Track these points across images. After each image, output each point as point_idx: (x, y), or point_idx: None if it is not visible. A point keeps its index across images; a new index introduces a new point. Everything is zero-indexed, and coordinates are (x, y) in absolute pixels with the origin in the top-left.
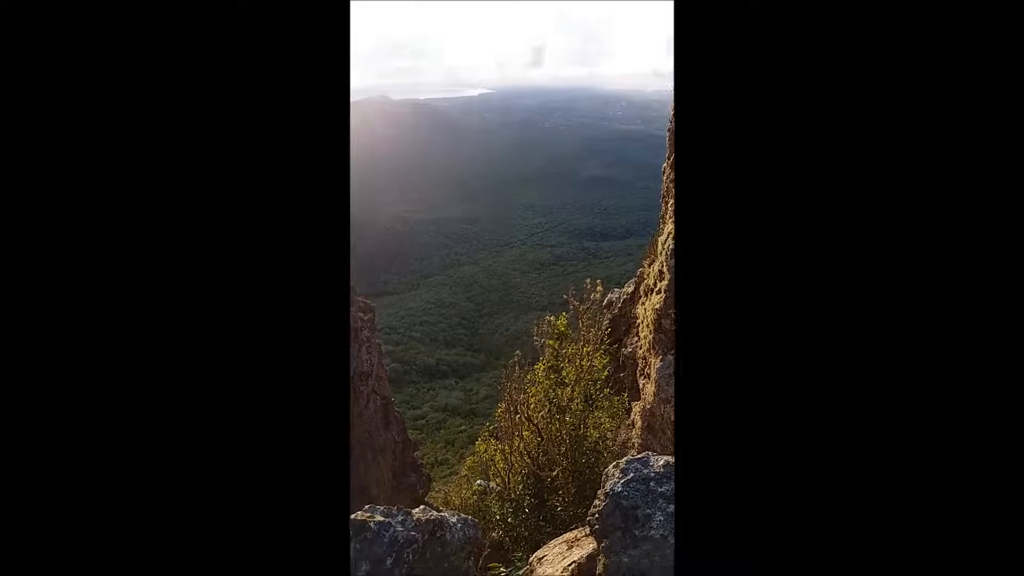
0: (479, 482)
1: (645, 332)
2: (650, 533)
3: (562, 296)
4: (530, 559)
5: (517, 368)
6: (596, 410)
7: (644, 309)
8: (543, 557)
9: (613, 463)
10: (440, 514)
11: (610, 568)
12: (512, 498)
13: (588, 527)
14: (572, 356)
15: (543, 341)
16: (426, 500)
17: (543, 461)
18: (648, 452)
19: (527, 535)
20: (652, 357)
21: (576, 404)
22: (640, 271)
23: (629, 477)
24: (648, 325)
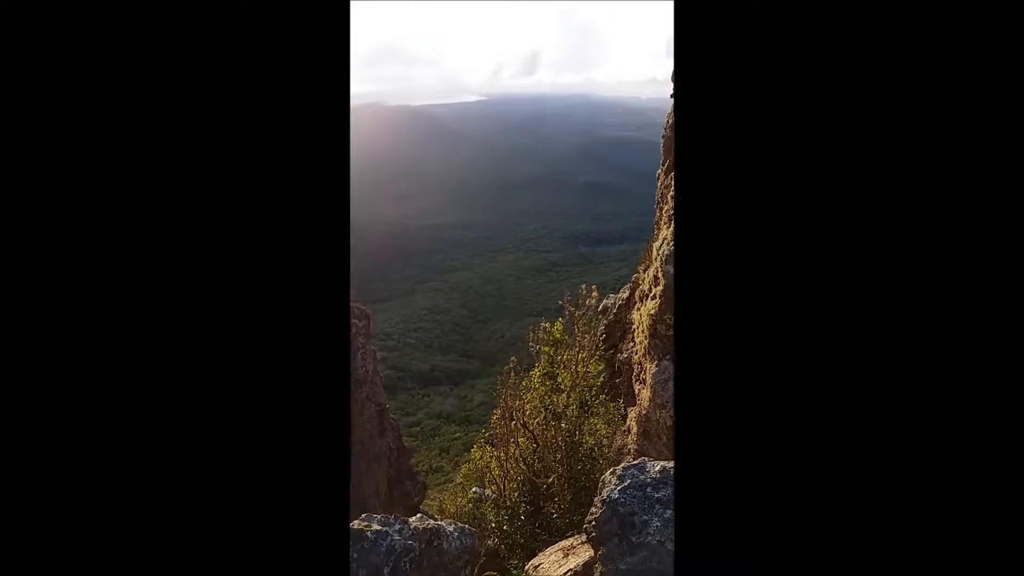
0: (474, 489)
1: (640, 338)
2: (647, 539)
3: (557, 302)
4: (526, 567)
5: (512, 374)
6: (592, 416)
7: (639, 315)
8: (539, 565)
9: (610, 469)
10: (437, 523)
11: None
12: (508, 505)
13: (585, 534)
14: (567, 362)
15: (538, 347)
16: (421, 508)
17: (539, 468)
18: (644, 458)
19: (523, 543)
20: (648, 362)
21: (572, 410)
22: (635, 276)
23: (626, 483)
24: (643, 331)
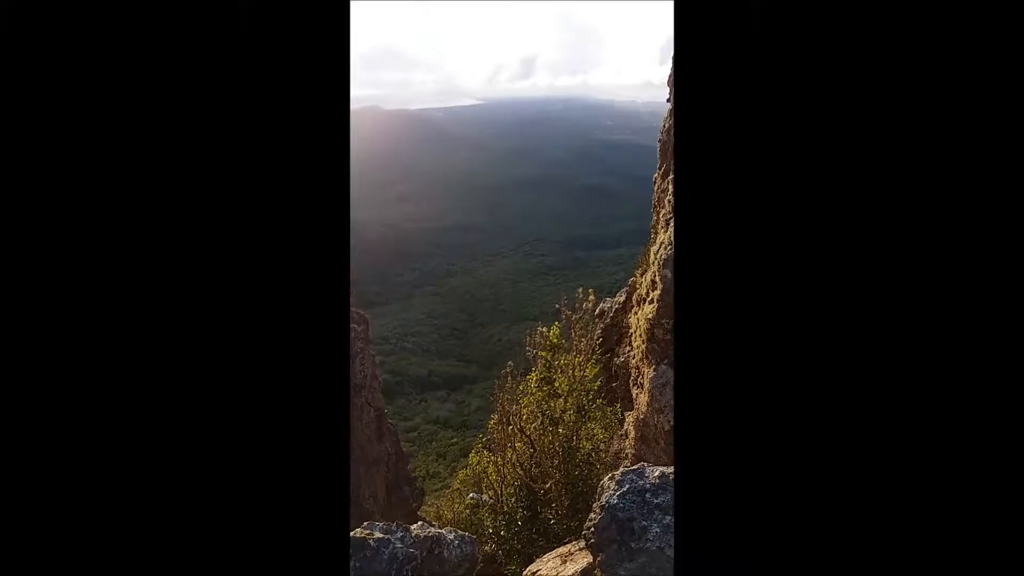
0: (472, 495)
1: (638, 342)
2: (646, 545)
3: (554, 306)
4: (523, 573)
5: (509, 379)
6: (589, 421)
7: (637, 319)
8: (537, 571)
9: (608, 475)
10: (438, 531)
11: None
12: (505, 511)
13: (583, 540)
14: (565, 366)
15: (535, 352)
16: (419, 514)
17: (536, 473)
18: (643, 463)
19: (520, 548)
20: (645, 367)
21: (569, 415)
22: (632, 280)
23: (624, 489)
24: (641, 335)
